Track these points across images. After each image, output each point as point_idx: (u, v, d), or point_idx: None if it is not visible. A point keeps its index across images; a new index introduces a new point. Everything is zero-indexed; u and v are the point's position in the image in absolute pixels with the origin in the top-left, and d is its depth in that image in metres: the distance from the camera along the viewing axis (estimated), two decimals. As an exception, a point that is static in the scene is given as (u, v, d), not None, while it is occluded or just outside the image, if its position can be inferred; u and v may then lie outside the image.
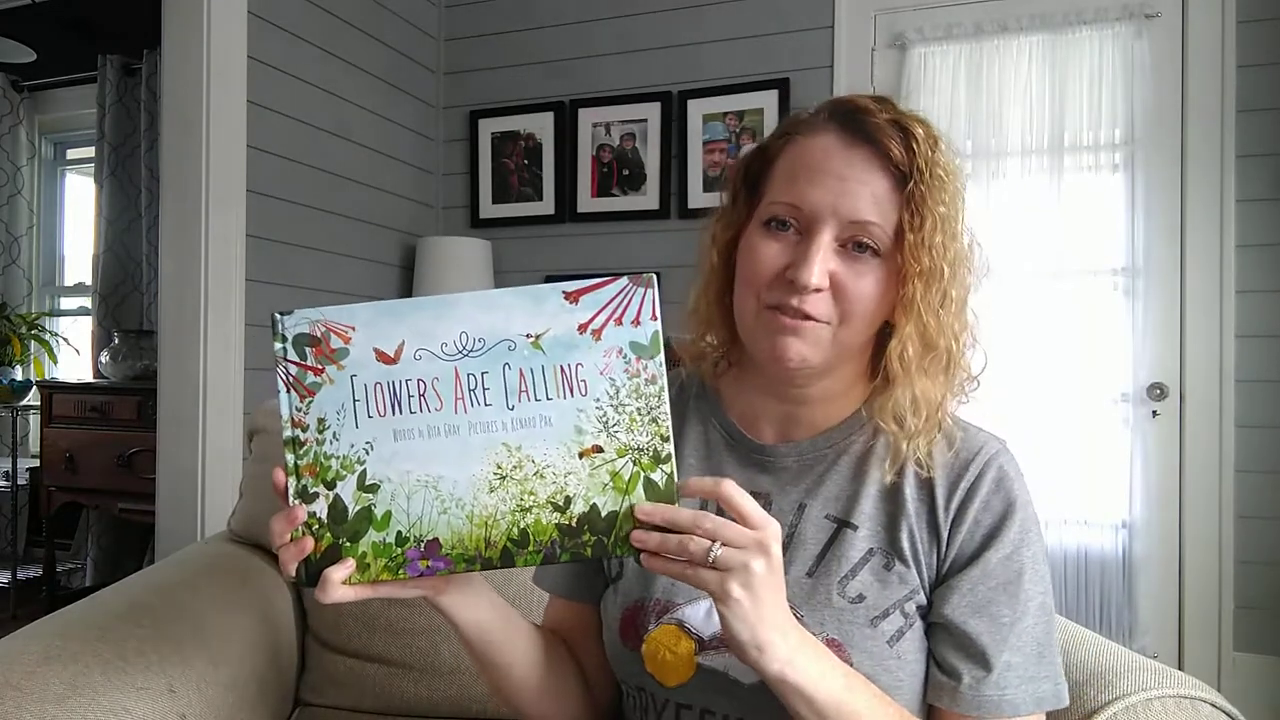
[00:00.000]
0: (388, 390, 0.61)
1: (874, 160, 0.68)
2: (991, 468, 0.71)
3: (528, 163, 3.02)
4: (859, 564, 0.70)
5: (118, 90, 3.41)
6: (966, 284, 0.71)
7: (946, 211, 0.67)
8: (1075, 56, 2.44)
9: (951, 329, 0.69)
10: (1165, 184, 2.41)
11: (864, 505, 0.72)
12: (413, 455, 0.61)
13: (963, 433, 0.73)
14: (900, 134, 0.68)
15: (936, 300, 0.68)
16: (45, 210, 4.11)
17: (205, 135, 2.19)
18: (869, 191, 0.67)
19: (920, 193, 0.67)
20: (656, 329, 0.61)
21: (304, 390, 0.63)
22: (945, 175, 0.68)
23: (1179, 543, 2.40)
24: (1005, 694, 0.67)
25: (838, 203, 0.68)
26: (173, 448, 2.23)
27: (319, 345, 0.62)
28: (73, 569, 3.56)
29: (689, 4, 2.83)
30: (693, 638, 0.71)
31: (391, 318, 0.61)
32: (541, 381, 0.60)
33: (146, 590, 1.11)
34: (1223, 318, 2.36)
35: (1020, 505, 0.70)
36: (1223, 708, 0.76)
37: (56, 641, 0.91)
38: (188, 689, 0.93)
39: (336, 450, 0.62)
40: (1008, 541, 0.69)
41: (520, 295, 0.61)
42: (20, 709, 0.80)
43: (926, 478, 0.71)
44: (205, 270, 2.20)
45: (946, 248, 0.67)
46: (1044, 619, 0.69)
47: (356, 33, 2.73)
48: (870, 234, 0.68)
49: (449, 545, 0.61)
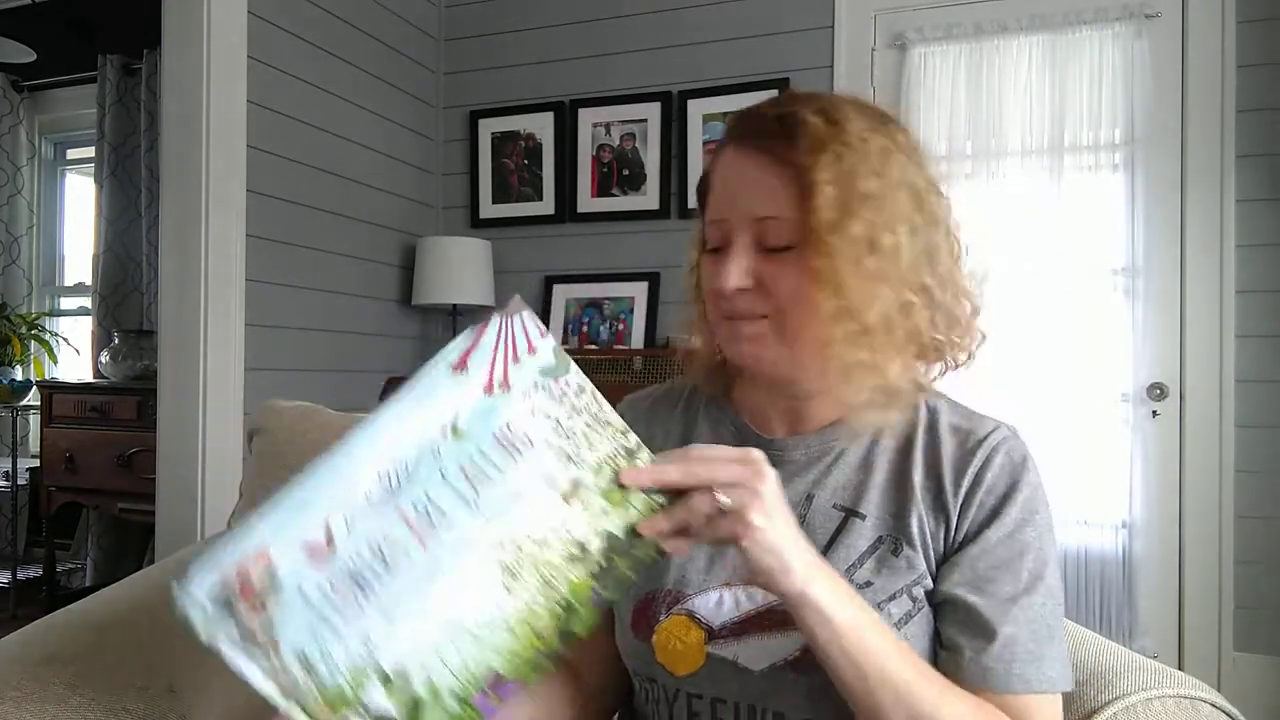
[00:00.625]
0: (345, 578, 0.53)
1: (764, 158, 0.70)
2: (999, 452, 0.72)
3: (528, 163, 3.02)
4: (867, 552, 0.71)
5: (118, 90, 3.42)
6: (914, 251, 0.69)
7: (849, 184, 0.67)
8: (1075, 56, 2.44)
9: (886, 299, 0.68)
10: (1165, 184, 2.41)
11: (871, 494, 0.73)
12: (416, 618, 0.53)
13: (972, 420, 0.75)
14: (785, 126, 0.69)
15: (852, 273, 0.67)
16: (45, 210, 4.11)
17: (205, 135, 2.19)
18: (764, 189, 0.69)
19: (809, 176, 0.67)
20: (552, 343, 0.59)
21: (261, 644, 0.51)
22: (847, 147, 0.67)
23: (1179, 543, 2.40)
24: (1013, 668, 0.66)
25: (740, 208, 0.71)
26: (173, 448, 2.23)
27: (244, 590, 0.51)
28: (73, 569, 3.56)
29: (689, 4, 2.83)
30: (702, 627, 0.72)
31: (297, 508, 0.53)
32: (486, 463, 0.56)
33: (146, 590, 1.11)
34: (1223, 318, 2.36)
35: (1025, 486, 0.71)
36: (1223, 708, 0.76)
37: (56, 641, 0.91)
38: (188, 689, 0.93)
39: (336, 671, 0.52)
40: (1009, 520, 0.70)
41: (410, 400, 0.56)
42: (20, 709, 0.80)
43: (935, 465, 0.73)
44: (205, 270, 2.20)
45: (854, 219, 0.66)
46: (1051, 602, 0.69)
47: (356, 33, 2.73)
48: (773, 228, 0.69)
49: (509, 668, 0.55)
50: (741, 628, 0.71)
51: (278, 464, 1.33)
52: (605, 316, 2.90)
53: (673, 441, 0.82)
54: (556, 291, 2.96)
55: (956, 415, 0.76)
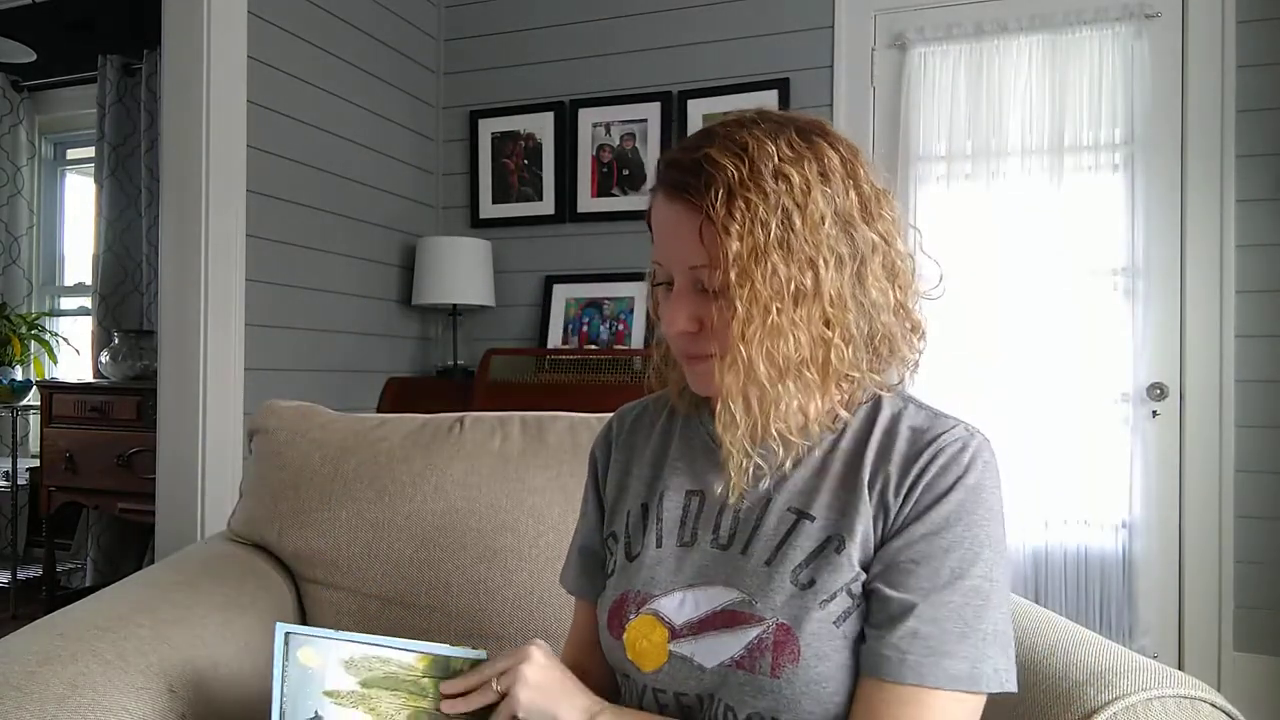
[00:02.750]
0: None
1: (683, 207, 0.72)
2: (946, 453, 0.72)
3: (528, 163, 3.02)
4: (814, 553, 0.72)
5: (118, 90, 3.42)
6: (838, 284, 0.71)
7: (760, 232, 0.68)
8: (1075, 56, 2.45)
9: (802, 342, 0.70)
10: (1165, 184, 2.41)
11: (823, 496, 0.75)
12: None
13: (932, 421, 0.75)
14: (701, 174, 0.70)
15: (768, 317, 0.69)
16: (45, 210, 4.11)
17: (205, 135, 2.19)
18: (688, 239, 0.71)
19: (719, 233, 0.68)
20: None
21: None
22: (760, 192, 0.68)
23: (1179, 543, 2.40)
24: (908, 659, 0.66)
25: (673, 255, 0.74)
26: (173, 448, 2.23)
27: None
28: (73, 569, 3.56)
29: (689, 4, 2.83)
30: (666, 626, 0.76)
31: None
32: None
33: (146, 590, 1.11)
34: (1223, 318, 2.36)
35: (965, 487, 0.70)
36: (1223, 708, 0.76)
37: (56, 641, 0.91)
38: (188, 689, 0.93)
39: None
40: (938, 516, 0.70)
41: None
42: (20, 709, 0.80)
43: (884, 464, 0.73)
44: (205, 270, 2.20)
45: (765, 265, 0.68)
46: (976, 601, 0.68)
47: (356, 33, 2.73)
48: (705, 274, 0.72)
49: None
50: (699, 627, 0.74)
51: (278, 464, 1.33)
52: (605, 316, 2.90)
53: (651, 455, 0.87)
54: (556, 291, 2.96)
55: (920, 416, 0.76)
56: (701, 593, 0.75)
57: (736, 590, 0.74)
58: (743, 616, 0.72)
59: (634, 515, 0.84)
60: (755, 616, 0.71)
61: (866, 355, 0.74)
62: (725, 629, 0.73)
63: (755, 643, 0.71)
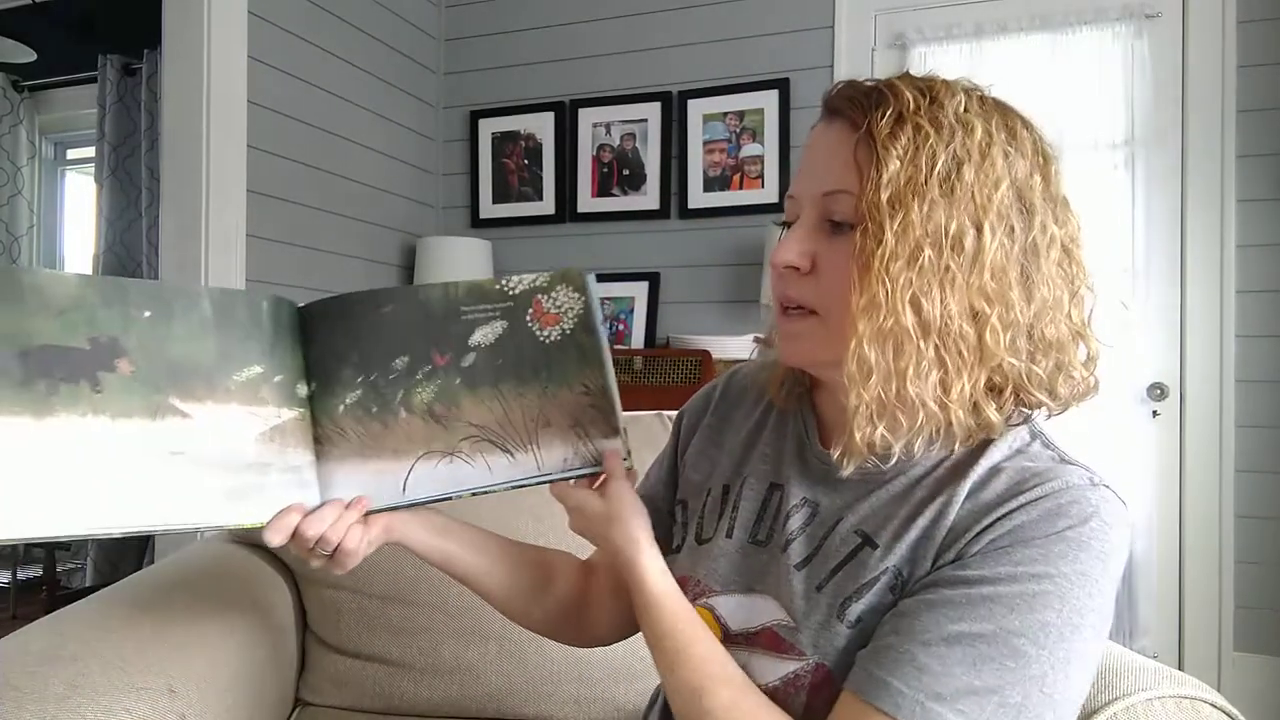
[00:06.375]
0: None
1: (845, 128, 0.63)
2: (1048, 500, 0.59)
3: (528, 163, 3.02)
4: (867, 584, 0.64)
5: (118, 90, 3.41)
6: (1004, 259, 0.60)
7: (924, 163, 0.59)
8: (1075, 56, 2.44)
9: (945, 303, 0.59)
10: (1165, 184, 2.41)
11: (894, 525, 0.65)
12: None
13: (1053, 464, 0.64)
14: (874, 98, 0.62)
15: (902, 265, 0.58)
16: (45, 210, 4.11)
17: (205, 135, 2.19)
18: (837, 160, 0.63)
19: (879, 150, 0.60)
20: None
21: None
22: (935, 124, 0.60)
23: (1179, 543, 2.40)
24: (870, 668, 0.59)
25: (811, 181, 0.65)
26: (173, 448, 2.22)
27: None
28: (73, 569, 3.56)
29: (689, 4, 2.83)
30: (721, 626, 0.72)
31: None
32: None
33: (146, 590, 1.11)
34: (1223, 318, 2.36)
35: (1063, 540, 0.58)
36: (1223, 708, 0.76)
37: (56, 641, 0.91)
38: (188, 689, 0.93)
39: None
40: (991, 560, 0.58)
41: None
42: (20, 709, 0.80)
43: (976, 503, 0.62)
44: (205, 270, 2.20)
45: (921, 202, 0.58)
46: (990, 667, 0.56)
47: (356, 33, 2.73)
48: (839, 204, 0.63)
49: None
50: (750, 641, 0.69)
51: (278, 464, 1.33)
52: (605, 316, 2.89)
53: (745, 435, 0.80)
54: (556, 291, 2.96)
55: (1043, 456, 0.65)
56: (753, 602, 0.70)
57: (784, 611, 0.67)
58: (785, 645, 0.66)
59: (714, 495, 0.78)
60: (796, 649, 0.65)
61: (1025, 360, 0.62)
62: (770, 651, 0.67)
63: (792, 677, 0.65)
